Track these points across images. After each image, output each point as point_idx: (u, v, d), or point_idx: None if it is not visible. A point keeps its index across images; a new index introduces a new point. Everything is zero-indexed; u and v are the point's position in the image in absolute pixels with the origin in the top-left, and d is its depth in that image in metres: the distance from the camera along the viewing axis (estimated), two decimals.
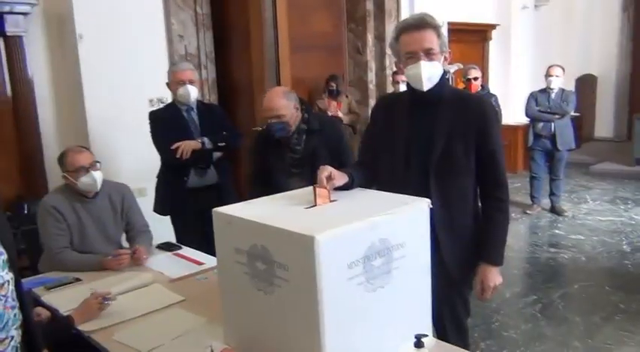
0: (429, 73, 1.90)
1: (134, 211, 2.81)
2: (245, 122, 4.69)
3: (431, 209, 1.60)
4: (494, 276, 1.99)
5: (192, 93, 3.27)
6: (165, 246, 2.87)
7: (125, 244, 2.84)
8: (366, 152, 2.13)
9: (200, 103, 3.46)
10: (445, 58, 1.95)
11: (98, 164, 2.63)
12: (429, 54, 1.90)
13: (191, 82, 3.26)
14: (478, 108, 1.95)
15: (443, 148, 1.92)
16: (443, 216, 1.90)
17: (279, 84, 5.13)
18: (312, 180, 1.92)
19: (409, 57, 1.92)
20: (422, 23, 1.90)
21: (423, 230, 1.60)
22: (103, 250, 2.62)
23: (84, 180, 2.59)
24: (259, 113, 2.75)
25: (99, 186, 2.64)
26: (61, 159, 2.63)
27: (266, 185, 2.71)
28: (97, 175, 2.61)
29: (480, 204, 2.02)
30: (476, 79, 5.45)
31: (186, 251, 2.80)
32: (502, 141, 2.04)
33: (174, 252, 2.78)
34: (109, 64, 3.96)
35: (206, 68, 4.68)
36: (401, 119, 2.00)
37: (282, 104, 2.72)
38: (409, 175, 1.94)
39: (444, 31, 1.94)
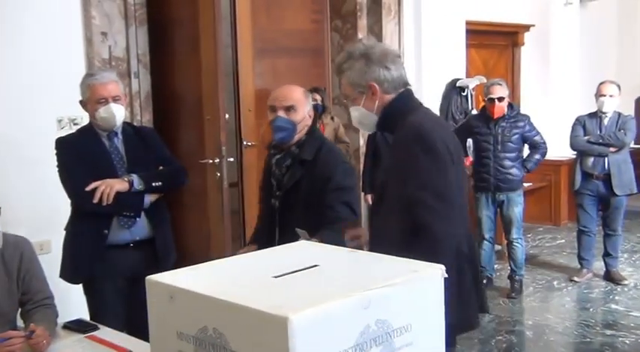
0: (356, 119, 2.60)
1: (35, 276, 2.78)
2: (190, 152, 4.71)
3: None
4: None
5: (119, 114, 3.29)
6: (76, 326, 2.83)
7: (20, 322, 2.80)
8: None
9: (127, 126, 3.48)
10: (373, 92, 2.49)
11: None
12: (349, 99, 2.60)
13: (116, 99, 3.28)
14: (398, 139, 2.54)
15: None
16: None
17: (237, 99, 5.18)
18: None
19: None
20: (338, 69, 2.57)
21: (437, 306, 1.62)
22: None
23: None
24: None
25: None
26: None
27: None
28: None
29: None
30: (501, 99, 5.54)
31: (105, 332, 2.76)
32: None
33: (88, 334, 2.75)
34: (3, 70, 3.98)
35: (137, 77, 4.72)
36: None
37: (300, 98, 3.14)
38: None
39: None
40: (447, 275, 1.64)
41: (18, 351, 2.47)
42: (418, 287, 1.56)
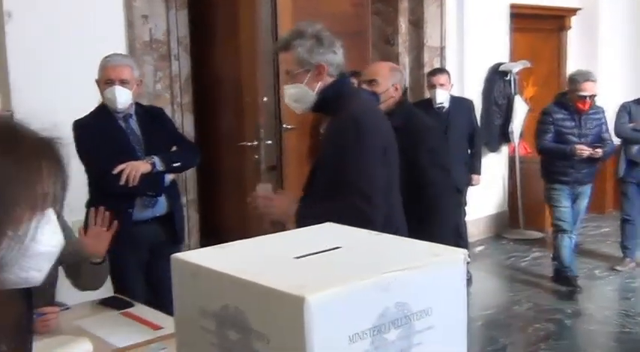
0: (293, 97, 2.68)
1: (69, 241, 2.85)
2: (228, 134, 4.76)
3: None
4: None
5: (121, 97, 3.34)
6: (112, 303, 2.90)
7: (59, 297, 2.87)
8: None
9: (137, 107, 3.56)
10: (320, 72, 2.60)
11: None
12: (289, 75, 2.67)
13: (123, 82, 3.34)
14: (336, 125, 2.65)
15: None
16: None
17: (277, 82, 5.20)
18: None
19: None
20: (286, 45, 2.67)
21: (458, 291, 1.61)
22: None
23: None
24: None
25: None
26: None
27: None
28: None
29: None
30: (592, 97, 5.28)
31: (140, 310, 2.83)
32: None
33: (123, 310, 2.82)
34: (47, 51, 4.05)
35: (178, 59, 4.77)
36: None
37: (382, 72, 3.57)
38: None
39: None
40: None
41: (53, 326, 2.54)
42: (439, 271, 1.56)
